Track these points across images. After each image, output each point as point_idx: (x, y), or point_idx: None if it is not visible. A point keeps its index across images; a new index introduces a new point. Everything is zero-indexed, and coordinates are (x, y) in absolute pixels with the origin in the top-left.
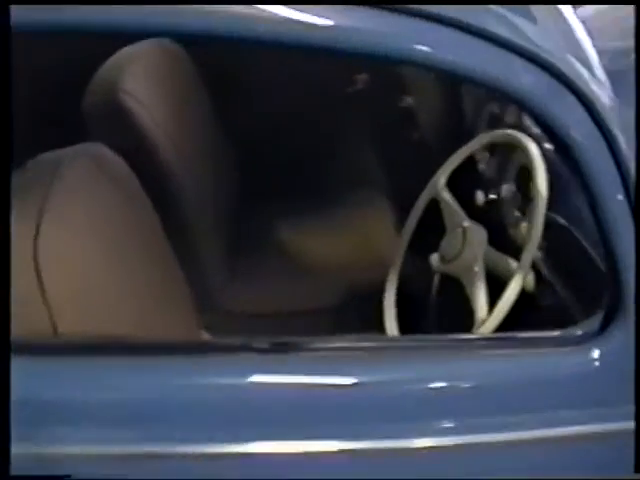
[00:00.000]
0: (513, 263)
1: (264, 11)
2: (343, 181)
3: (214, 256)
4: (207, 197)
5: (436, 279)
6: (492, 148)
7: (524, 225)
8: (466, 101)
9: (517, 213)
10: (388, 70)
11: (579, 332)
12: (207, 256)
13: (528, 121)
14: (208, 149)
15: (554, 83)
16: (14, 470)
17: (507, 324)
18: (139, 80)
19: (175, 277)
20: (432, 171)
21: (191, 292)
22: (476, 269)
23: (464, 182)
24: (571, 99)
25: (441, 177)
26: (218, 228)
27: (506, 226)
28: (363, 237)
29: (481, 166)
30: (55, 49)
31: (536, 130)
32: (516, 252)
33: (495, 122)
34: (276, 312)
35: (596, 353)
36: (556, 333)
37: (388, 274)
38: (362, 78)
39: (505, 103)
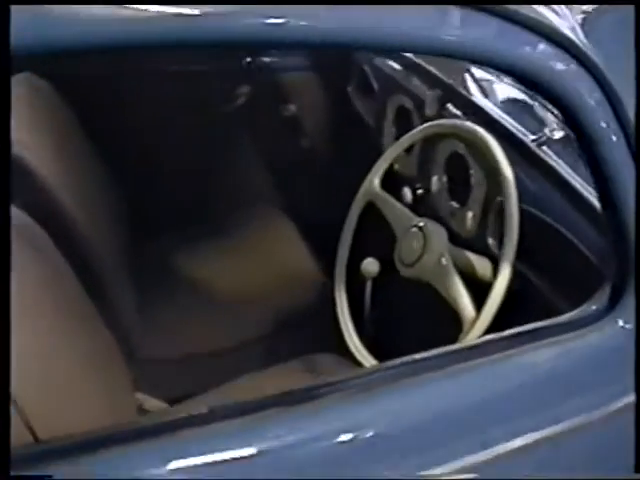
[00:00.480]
0: (476, 257)
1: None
2: (239, 201)
3: (125, 304)
4: (105, 239)
5: (396, 285)
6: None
7: (470, 215)
8: (357, 100)
9: (455, 204)
10: (268, 80)
11: (596, 307)
12: (118, 305)
13: (448, 111)
14: (96, 189)
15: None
16: None
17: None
18: (23, 125)
19: (104, 337)
20: (326, 178)
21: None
22: (446, 268)
23: (385, 182)
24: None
25: (375, 178)
26: (122, 271)
27: (445, 219)
28: (273, 258)
29: (397, 166)
30: None
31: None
32: (474, 245)
33: (407, 117)
34: (198, 354)
35: (620, 322)
36: (573, 315)
37: (334, 289)
38: (243, 91)
39: (417, 96)
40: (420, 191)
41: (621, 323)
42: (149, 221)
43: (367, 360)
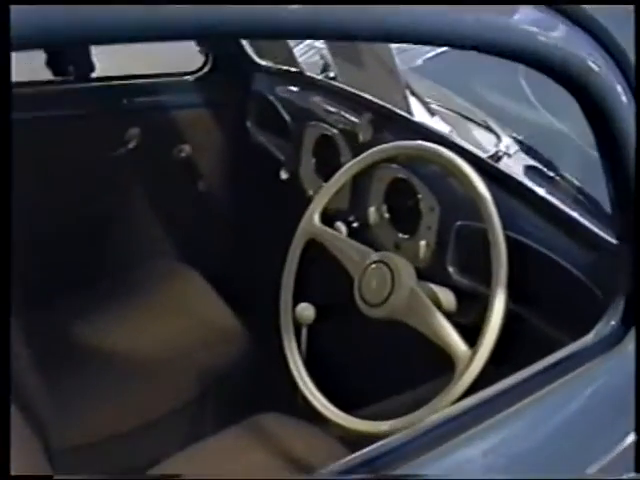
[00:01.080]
0: (439, 288)
1: None
2: (139, 256)
3: (34, 390)
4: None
5: (357, 327)
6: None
7: (423, 244)
8: (260, 134)
9: (401, 235)
10: (159, 120)
11: (614, 323)
12: (29, 394)
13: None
14: None
15: None
16: None
17: None
18: None
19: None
20: (229, 223)
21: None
22: (422, 304)
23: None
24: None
25: (315, 214)
26: (23, 351)
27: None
28: (186, 314)
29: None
30: None
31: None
32: (431, 276)
33: (331, 145)
34: (118, 434)
35: None
36: (592, 337)
37: (282, 340)
38: (133, 134)
39: (343, 122)
40: (355, 224)
41: None
42: (37, 289)
43: (333, 413)
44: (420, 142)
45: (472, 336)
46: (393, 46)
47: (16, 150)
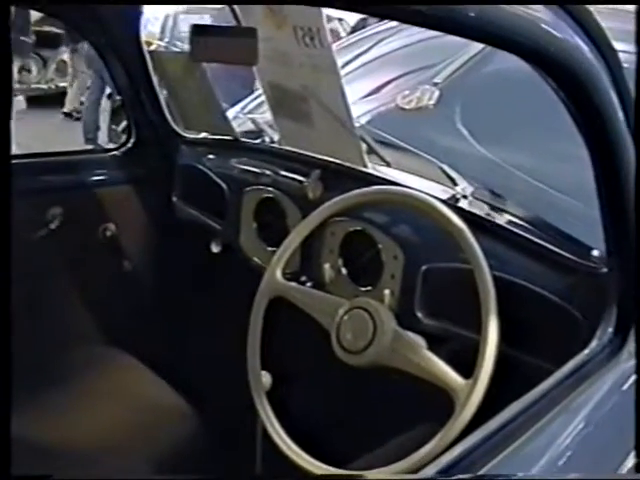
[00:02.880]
0: (411, 334)
1: None
2: (68, 343)
3: None
4: None
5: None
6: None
7: (387, 293)
8: (189, 207)
9: (361, 288)
10: (81, 199)
11: (608, 338)
12: None
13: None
14: None
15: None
16: None
17: None
18: None
19: None
20: (154, 301)
21: None
22: (409, 344)
23: None
24: None
25: (277, 270)
26: None
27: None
28: (127, 397)
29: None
30: None
31: None
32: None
33: (274, 208)
34: None
35: None
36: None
37: (255, 404)
38: (55, 213)
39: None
40: (309, 284)
41: None
42: None
43: (327, 471)
44: (382, 187)
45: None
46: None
47: None
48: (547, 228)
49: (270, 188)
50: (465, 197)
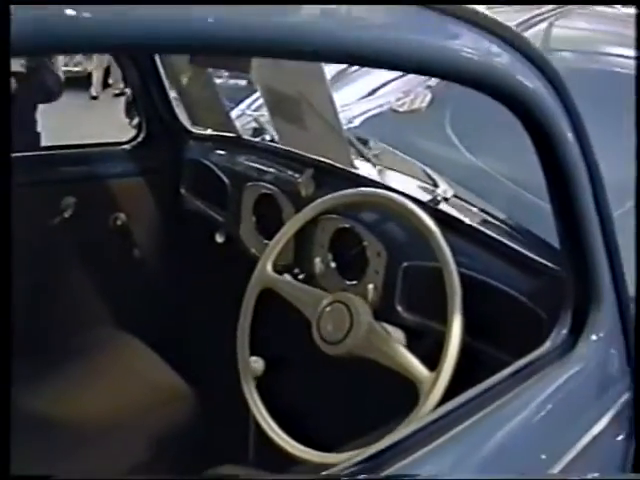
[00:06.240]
0: (390, 327)
1: None
2: (77, 325)
3: None
4: None
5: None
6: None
7: (371, 287)
8: (196, 199)
9: (347, 281)
10: (94, 189)
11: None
12: None
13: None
14: None
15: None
16: None
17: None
18: None
19: None
20: (161, 287)
21: None
22: (381, 337)
23: None
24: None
25: (267, 264)
26: None
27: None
28: (131, 377)
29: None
30: None
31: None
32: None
33: (271, 203)
34: None
35: (593, 336)
36: (548, 347)
37: (243, 391)
38: (69, 203)
39: (283, 181)
40: (301, 276)
41: (594, 337)
42: None
43: (309, 454)
44: (364, 189)
45: (428, 366)
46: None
47: None
48: (522, 231)
49: (268, 185)
50: (446, 199)
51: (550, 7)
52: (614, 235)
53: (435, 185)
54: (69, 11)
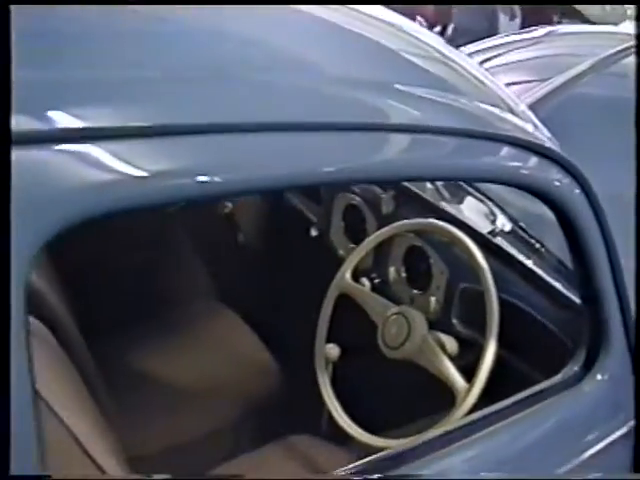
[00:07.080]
0: (445, 336)
1: None
2: (184, 296)
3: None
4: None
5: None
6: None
7: (433, 300)
8: (297, 198)
9: (415, 291)
10: None
11: (576, 368)
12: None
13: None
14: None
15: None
16: None
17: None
18: None
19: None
20: (261, 270)
21: None
22: (431, 348)
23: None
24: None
25: (347, 272)
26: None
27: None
28: (227, 350)
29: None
30: None
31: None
32: (439, 326)
33: (357, 213)
34: (167, 447)
35: (599, 376)
36: (553, 382)
37: (317, 375)
38: None
39: (368, 195)
40: (377, 281)
41: (599, 377)
42: (98, 321)
43: (360, 434)
44: (433, 220)
45: (469, 375)
46: None
47: None
48: (562, 266)
49: (354, 195)
50: (503, 232)
51: None
52: (626, 293)
53: (495, 218)
54: None
